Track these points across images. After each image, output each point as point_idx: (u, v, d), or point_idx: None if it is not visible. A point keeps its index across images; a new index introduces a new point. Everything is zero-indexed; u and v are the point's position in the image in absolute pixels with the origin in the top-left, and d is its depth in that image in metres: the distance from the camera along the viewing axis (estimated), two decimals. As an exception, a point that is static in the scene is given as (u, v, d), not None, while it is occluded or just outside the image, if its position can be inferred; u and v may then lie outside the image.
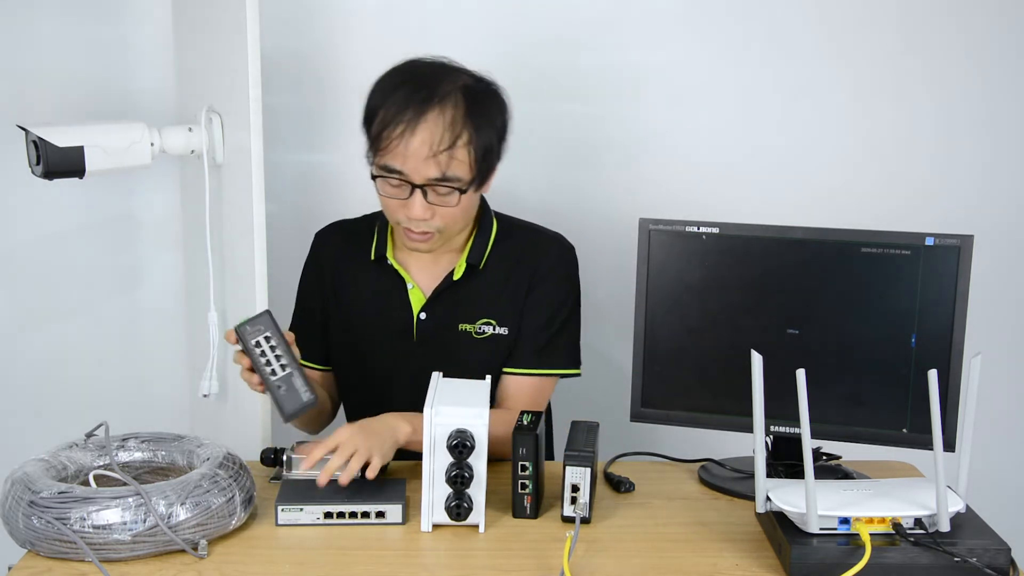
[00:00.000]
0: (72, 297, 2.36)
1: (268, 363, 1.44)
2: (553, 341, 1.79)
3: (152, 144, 1.92)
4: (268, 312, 1.47)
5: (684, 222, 1.69)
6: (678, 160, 2.35)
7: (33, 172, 1.84)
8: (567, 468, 1.48)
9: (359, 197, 1.91)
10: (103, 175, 1.89)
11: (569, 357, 1.81)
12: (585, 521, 1.48)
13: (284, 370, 1.45)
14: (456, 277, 1.77)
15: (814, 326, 1.66)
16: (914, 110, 2.34)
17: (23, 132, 1.83)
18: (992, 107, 2.34)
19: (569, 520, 1.49)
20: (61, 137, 1.79)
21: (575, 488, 1.48)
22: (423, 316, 1.79)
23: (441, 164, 1.62)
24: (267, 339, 1.45)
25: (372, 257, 1.81)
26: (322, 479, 1.48)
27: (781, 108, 2.33)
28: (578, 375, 1.82)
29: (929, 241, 1.61)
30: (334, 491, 1.50)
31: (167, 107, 2.25)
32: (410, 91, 1.64)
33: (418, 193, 1.64)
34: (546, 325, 1.78)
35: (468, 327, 1.78)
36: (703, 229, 1.69)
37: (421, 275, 1.80)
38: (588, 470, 1.48)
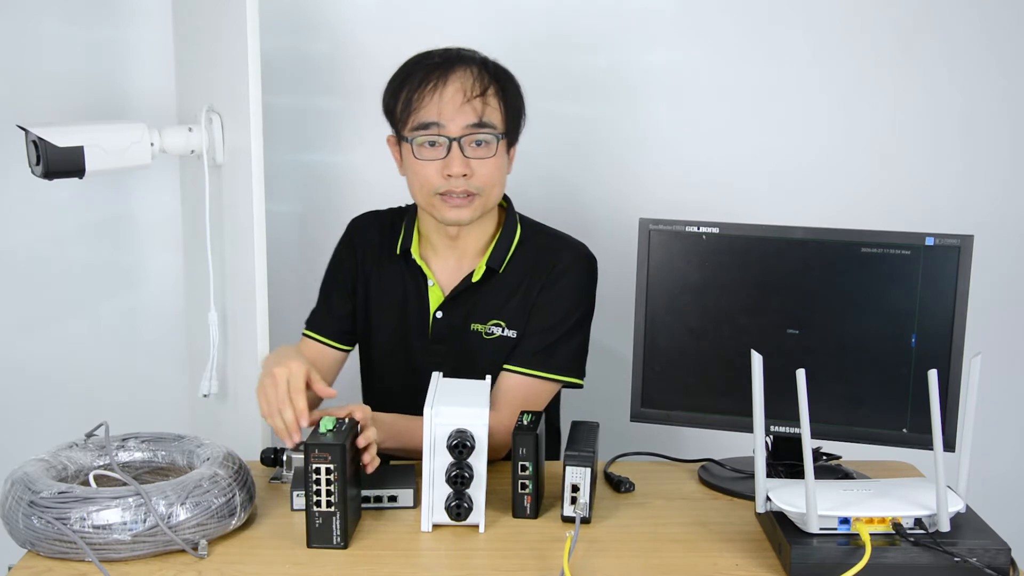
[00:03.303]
0: (72, 297, 2.36)
1: (317, 492, 1.40)
2: (556, 345, 1.77)
3: (152, 144, 1.92)
4: (343, 447, 1.40)
5: (684, 222, 1.69)
6: (678, 160, 2.35)
7: (33, 172, 1.84)
8: (567, 468, 1.48)
9: (359, 197, 1.91)
10: (103, 175, 1.89)
11: (571, 364, 1.78)
12: (585, 521, 1.48)
13: (328, 507, 1.40)
14: (475, 279, 1.78)
15: (814, 326, 1.66)
16: (914, 110, 2.34)
17: (23, 132, 1.83)
18: (992, 107, 2.34)
19: (569, 520, 1.49)
20: (61, 137, 1.79)
21: (575, 488, 1.48)
22: (439, 315, 1.80)
23: (477, 109, 1.68)
24: (328, 471, 1.39)
25: (398, 251, 1.83)
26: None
27: (781, 108, 2.33)
28: (580, 386, 1.80)
29: (929, 241, 1.61)
30: None
31: (167, 107, 2.25)
32: (430, 63, 1.72)
33: (455, 147, 1.68)
34: (551, 328, 1.76)
35: (479, 327, 1.79)
36: (703, 229, 1.69)
37: (442, 274, 1.82)
38: (588, 470, 1.48)
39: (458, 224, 1.74)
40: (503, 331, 1.78)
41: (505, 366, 1.77)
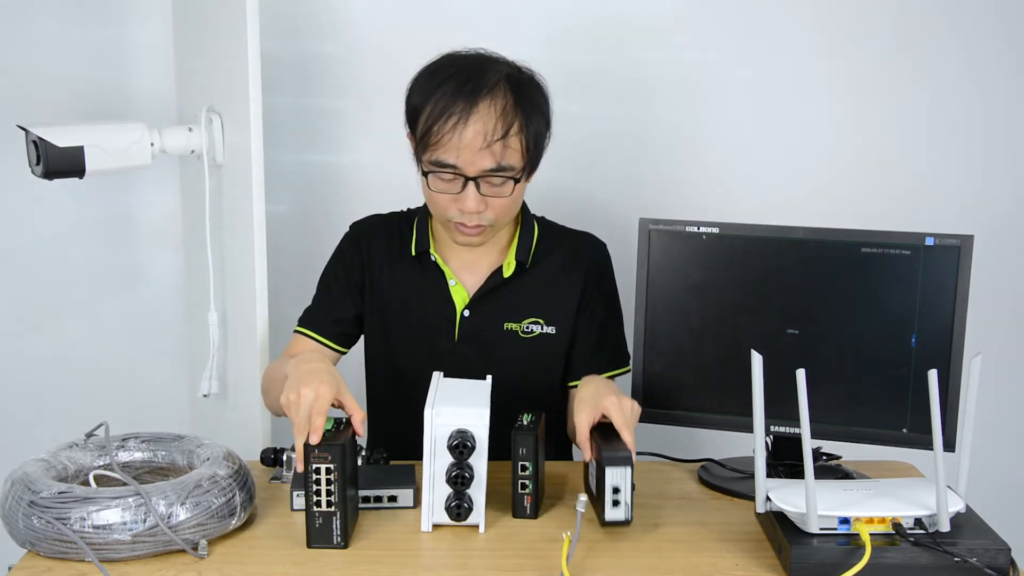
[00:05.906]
0: (72, 297, 2.37)
1: (318, 492, 1.40)
2: (616, 340, 1.84)
3: (152, 144, 1.92)
4: (343, 447, 1.40)
5: (684, 222, 1.69)
6: (678, 160, 2.35)
7: (33, 172, 1.84)
8: (607, 469, 1.42)
9: (359, 197, 1.91)
10: (103, 175, 1.89)
11: (626, 351, 1.85)
12: (627, 523, 1.45)
13: (328, 507, 1.40)
14: (507, 274, 1.76)
15: (814, 326, 1.66)
16: (914, 110, 2.34)
17: (23, 132, 1.83)
18: (992, 106, 2.34)
19: (613, 524, 1.44)
20: (61, 137, 1.79)
21: (615, 490, 1.43)
22: (467, 314, 1.77)
23: (496, 154, 1.62)
24: (328, 471, 1.39)
25: (413, 252, 1.79)
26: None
27: (781, 108, 2.33)
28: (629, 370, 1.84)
29: (929, 241, 1.61)
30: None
31: (167, 107, 2.25)
32: (456, 84, 1.62)
33: (471, 186, 1.63)
34: (613, 324, 1.83)
35: (514, 326, 1.78)
36: (703, 229, 1.69)
37: (464, 272, 1.79)
38: (628, 469, 1.43)
39: (469, 247, 1.75)
40: (542, 328, 1.78)
41: (587, 378, 1.67)
